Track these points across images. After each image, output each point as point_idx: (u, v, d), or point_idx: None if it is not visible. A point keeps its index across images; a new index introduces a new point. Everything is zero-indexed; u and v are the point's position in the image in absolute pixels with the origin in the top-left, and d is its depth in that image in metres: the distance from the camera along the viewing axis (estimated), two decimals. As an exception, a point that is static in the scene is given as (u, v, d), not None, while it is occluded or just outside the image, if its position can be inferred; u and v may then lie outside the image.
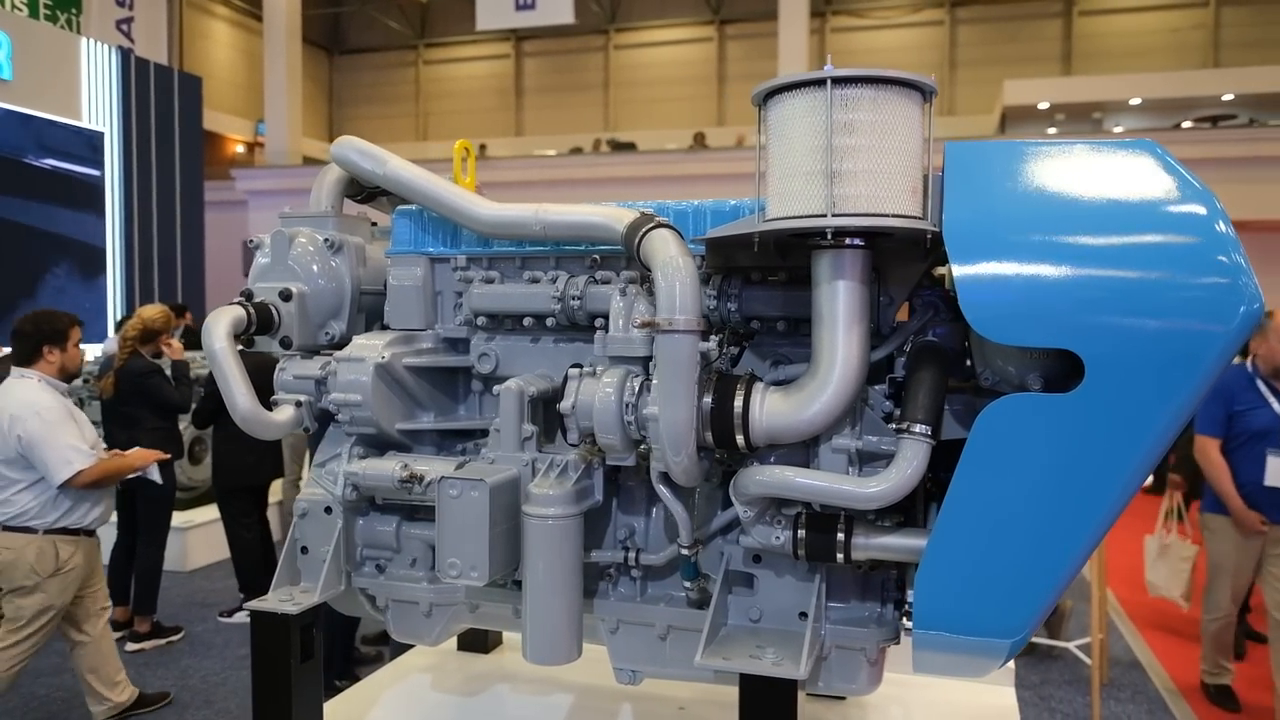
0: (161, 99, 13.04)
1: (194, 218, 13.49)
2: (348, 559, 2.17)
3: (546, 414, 2.08)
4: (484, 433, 2.20)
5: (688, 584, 1.90)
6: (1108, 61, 18.59)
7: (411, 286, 2.20)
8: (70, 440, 3.76)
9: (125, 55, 12.62)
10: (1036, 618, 1.60)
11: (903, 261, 1.81)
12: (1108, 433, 1.49)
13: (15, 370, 3.89)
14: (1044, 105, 17.11)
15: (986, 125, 17.44)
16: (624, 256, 2.03)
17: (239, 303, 2.13)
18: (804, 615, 1.87)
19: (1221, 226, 1.47)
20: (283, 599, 2.07)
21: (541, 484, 1.88)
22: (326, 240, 2.24)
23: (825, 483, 1.66)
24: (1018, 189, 1.57)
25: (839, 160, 1.54)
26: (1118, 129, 17.15)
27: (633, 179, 15.10)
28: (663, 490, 1.82)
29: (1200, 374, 1.45)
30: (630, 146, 17.51)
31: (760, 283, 1.92)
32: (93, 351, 10.48)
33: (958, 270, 1.51)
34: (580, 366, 1.88)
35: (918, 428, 1.61)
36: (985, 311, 1.51)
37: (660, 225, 1.77)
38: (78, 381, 7.20)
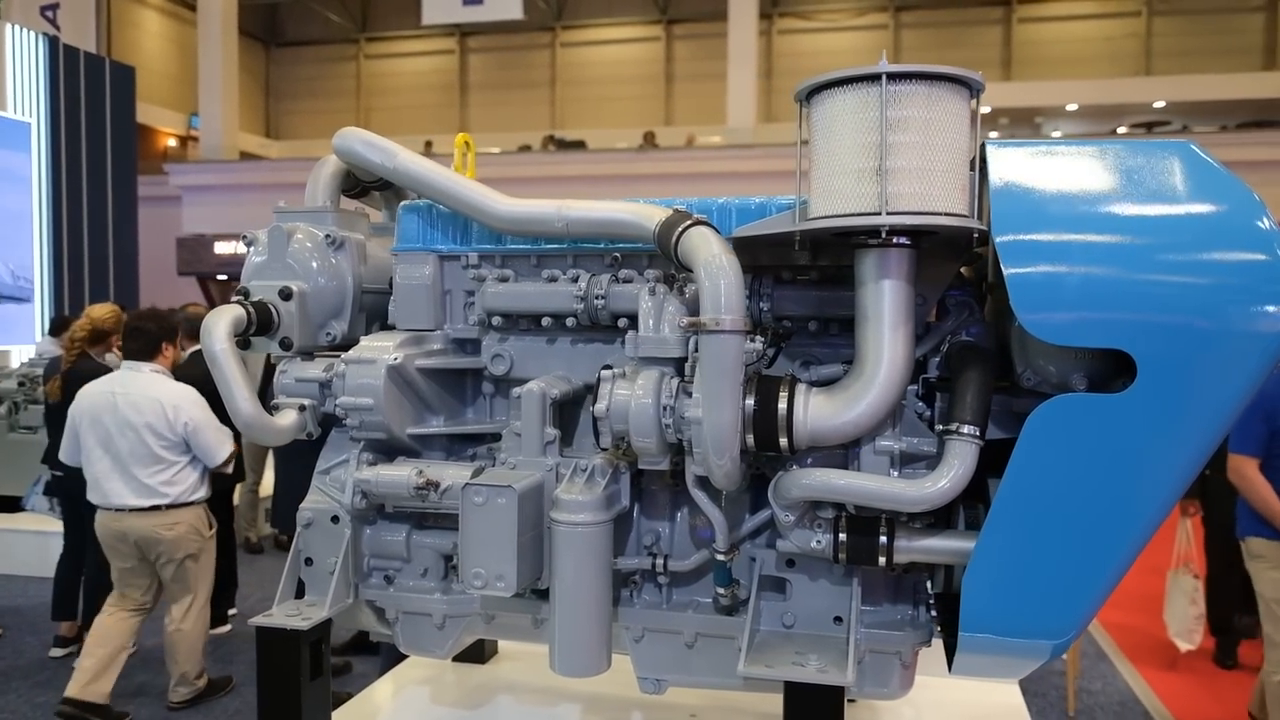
0: (92, 89, 12.49)
1: (126, 213, 12.95)
2: (354, 570, 2.07)
3: (564, 417, 2.02)
4: (494, 436, 2.13)
5: (720, 590, 1.86)
6: (1046, 68, 19.13)
7: (420, 285, 2.11)
8: (219, 425, 4.14)
9: (53, 43, 12.05)
10: (1085, 619, 1.60)
11: (936, 261, 1.79)
12: (1158, 433, 1.49)
13: (130, 364, 4.16)
14: (986, 110, 17.49)
15: (929, 128, 17.79)
16: (646, 255, 1.99)
17: (238, 302, 2.03)
18: (838, 619, 1.84)
19: (1266, 224, 1.48)
20: (290, 614, 1.97)
21: (570, 489, 1.82)
22: (327, 236, 2.14)
23: (875, 485, 1.64)
24: (1063, 189, 1.57)
25: (864, 159, 1.52)
26: (1056, 133, 17.68)
27: (582, 178, 15.01)
28: (699, 495, 1.77)
29: (1248, 375, 1.46)
30: (579, 145, 17.42)
31: (791, 282, 1.88)
32: (20, 353, 10.03)
33: (1010, 271, 1.50)
34: (609, 368, 1.82)
35: (966, 429, 1.59)
36: (1039, 312, 1.49)
37: (699, 222, 1.72)
38: (11, 383, 6.86)
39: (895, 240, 1.58)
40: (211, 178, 16.88)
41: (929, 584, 1.91)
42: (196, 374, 5.22)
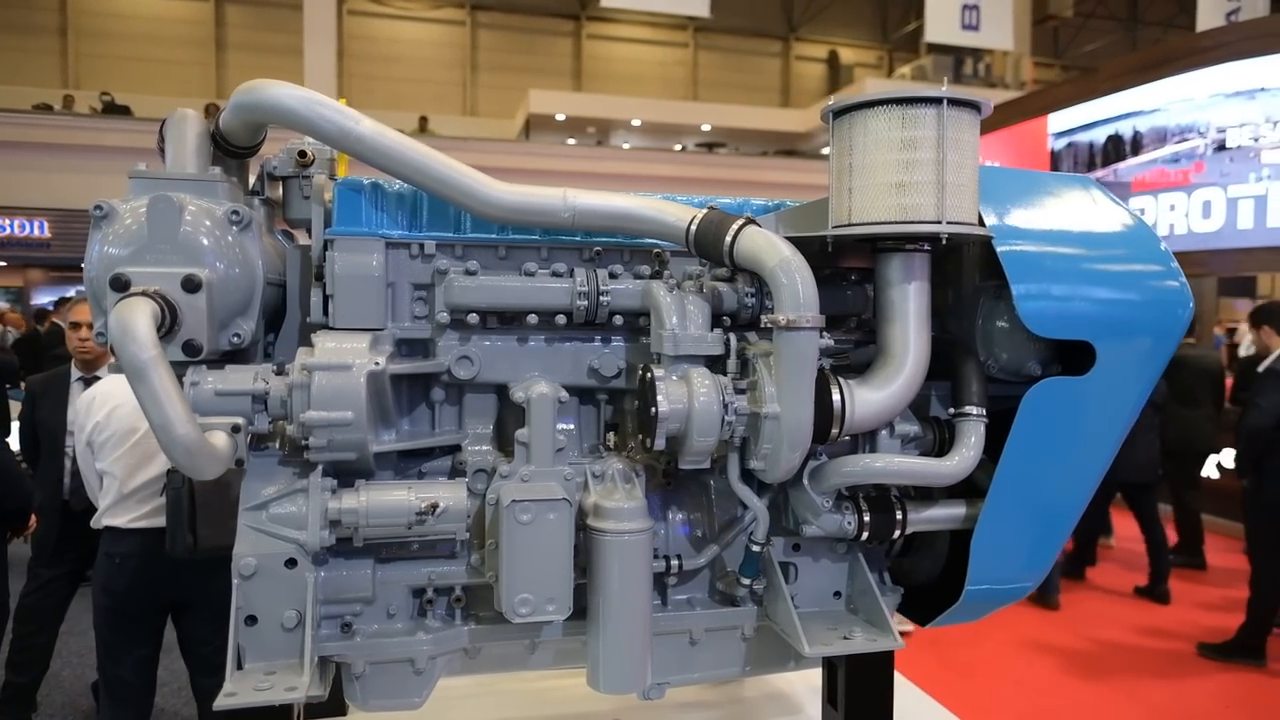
0: None
1: None
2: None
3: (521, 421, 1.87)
4: (446, 449, 1.91)
5: (747, 580, 1.89)
6: (611, 84, 20.94)
7: (368, 276, 1.80)
8: None
9: None
10: (1055, 558, 1.95)
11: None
12: (1108, 407, 1.89)
13: None
14: (561, 117, 18.67)
15: (510, 130, 18.41)
16: (626, 249, 1.94)
17: (145, 292, 1.54)
18: (838, 594, 1.99)
19: (1162, 243, 1.95)
20: (260, 687, 1.55)
21: (611, 496, 1.72)
22: (233, 213, 1.72)
23: (911, 466, 1.81)
24: (1037, 212, 1.89)
25: (924, 173, 1.69)
26: (626, 146, 19.46)
27: (132, 150, 12.86)
28: (743, 489, 1.79)
29: (1163, 359, 1.92)
30: (125, 110, 14.91)
31: None
32: None
33: (1014, 275, 1.78)
34: (648, 367, 1.76)
35: (975, 410, 1.84)
36: (1035, 311, 1.79)
37: (749, 221, 1.74)
38: None
39: (923, 247, 1.78)
40: None
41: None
42: None
